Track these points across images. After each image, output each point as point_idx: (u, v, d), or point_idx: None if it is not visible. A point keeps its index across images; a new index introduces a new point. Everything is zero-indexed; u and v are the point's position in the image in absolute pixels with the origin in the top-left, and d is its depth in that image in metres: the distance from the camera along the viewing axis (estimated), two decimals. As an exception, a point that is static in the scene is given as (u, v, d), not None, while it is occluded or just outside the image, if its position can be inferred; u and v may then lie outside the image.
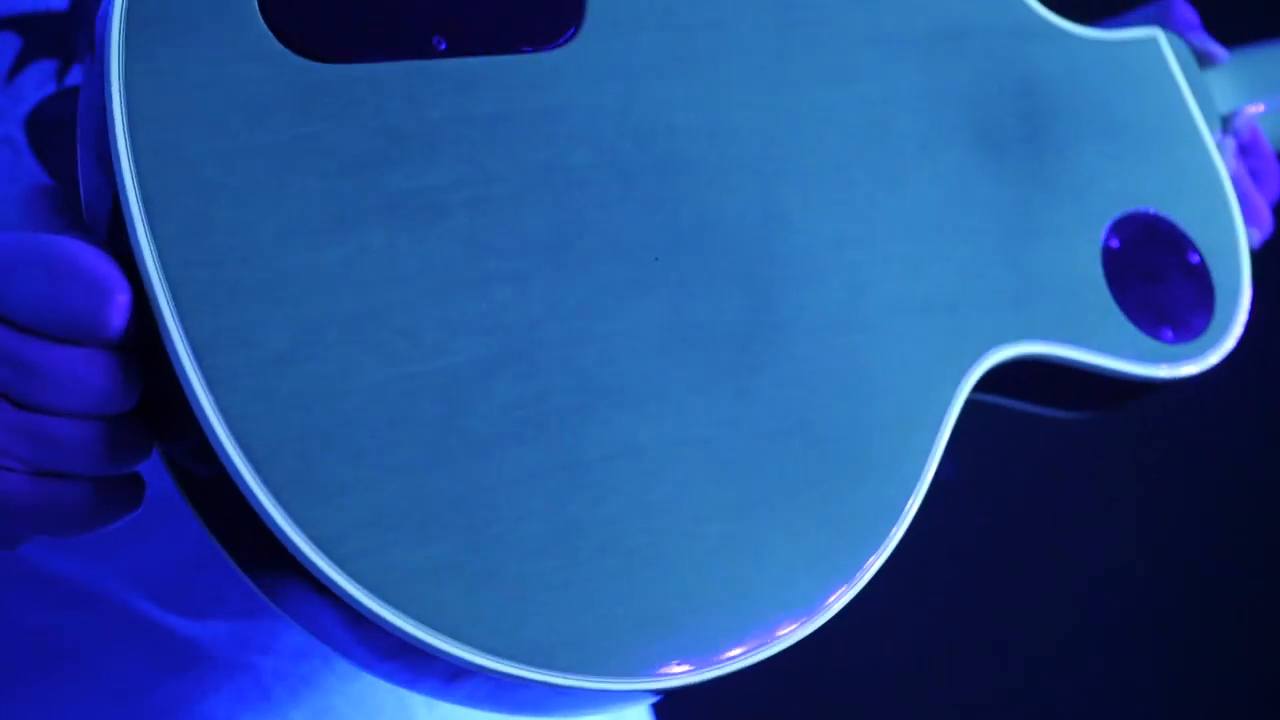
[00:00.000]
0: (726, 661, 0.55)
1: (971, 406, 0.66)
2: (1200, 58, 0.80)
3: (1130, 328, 0.70)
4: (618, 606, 0.54)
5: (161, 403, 0.51)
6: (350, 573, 0.49)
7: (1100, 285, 0.70)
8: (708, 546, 0.56)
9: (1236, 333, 0.72)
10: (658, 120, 0.61)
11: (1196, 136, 0.76)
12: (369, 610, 0.49)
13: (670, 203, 0.60)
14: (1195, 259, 0.73)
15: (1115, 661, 1.69)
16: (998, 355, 0.65)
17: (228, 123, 0.53)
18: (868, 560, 0.59)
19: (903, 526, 0.60)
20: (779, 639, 0.56)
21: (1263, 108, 0.81)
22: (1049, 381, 0.69)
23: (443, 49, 0.57)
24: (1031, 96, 0.72)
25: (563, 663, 0.52)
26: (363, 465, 0.51)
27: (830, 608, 0.57)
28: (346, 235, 0.53)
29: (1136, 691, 1.70)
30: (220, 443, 0.49)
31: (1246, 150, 0.80)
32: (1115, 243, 0.71)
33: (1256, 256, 0.76)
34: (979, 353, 0.64)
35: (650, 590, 0.54)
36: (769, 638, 0.56)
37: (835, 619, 0.58)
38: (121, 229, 0.50)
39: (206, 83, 0.53)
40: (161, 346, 0.49)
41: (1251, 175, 0.80)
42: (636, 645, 0.54)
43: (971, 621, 1.68)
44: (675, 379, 0.57)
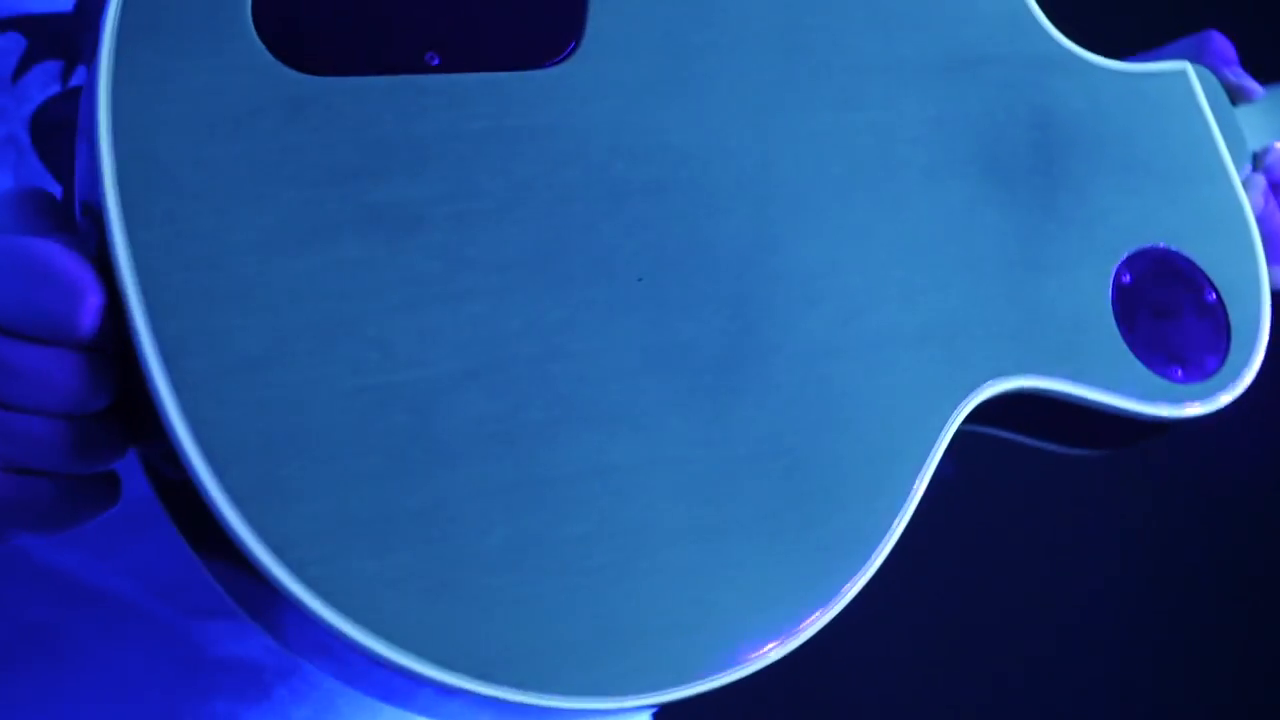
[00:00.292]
0: (690, 684, 0.55)
1: (967, 437, 0.65)
2: (1233, 93, 0.79)
3: (1137, 365, 0.68)
4: (577, 625, 0.54)
5: (134, 403, 0.52)
6: (304, 579, 0.50)
7: (1108, 321, 0.69)
8: (675, 569, 0.56)
9: (1250, 375, 0.71)
10: (652, 140, 0.61)
11: (1222, 173, 0.74)
12: (319, 617, 0.50)
13: (659, 223, 0.60)
14: (1211, 297, 0.72)
15: (1115, 664, 1.66)
16: (992, 389, 0.64)
17: (213, 131, 0.54)
18: (842, 587, 0.58)
19: (880, 555, 0.59)
20: (748, 662, 0.56)
21: None
22: (1050, 417, 0.68)
23: (435, 64, 0.58)
24: (1047, 128, 0.71)
25: (514, 678, 0.52)
26: (324, 473, 0.51)
27: (803, 632, 0.57)
28: (324, 244, 0.54)
29: (1137, 692, 1.67)
30: (182, 446, 0.50)
31: (1277, 188, 0.78)
32: (1127, 278, 0.70)
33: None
34: (972, 386, 0.64)
35: (612, 610, 0.54)
36: (736, 661, 0.56)
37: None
38: (102, 230, 0.51)
39: (194, 91, 0.54)
40: (132, 348, 0.51)
41: None
42: (594, 665, 0.54)
43: (970, 622, 1.66)
44: (652, 399, 0.57)
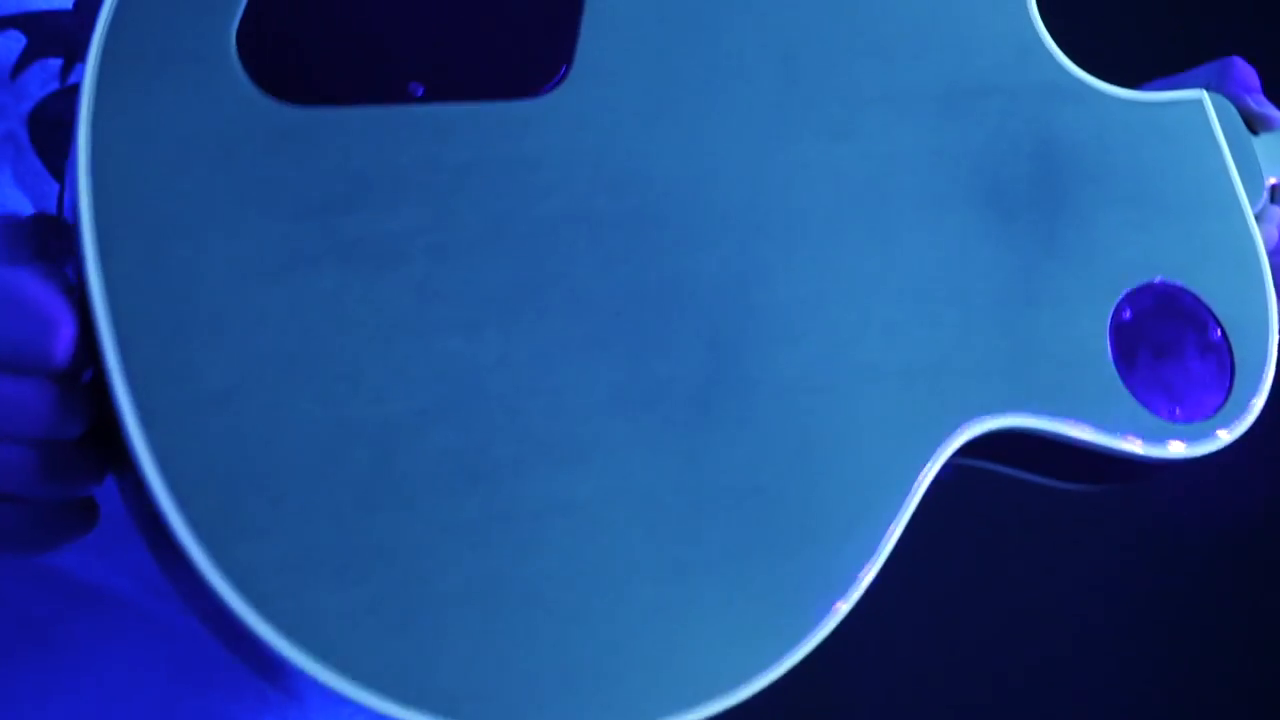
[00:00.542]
0: None
1: (959, 470, 0.64)
2: (1255, 122, 0.77)
3: (1133, 404, 0.67)
4: (540, 663, 0.54)
5: (109, 429, 0.53)
6: (264, 613, 0.51)
7: (1104, 358, 0.67)
8: (641, 607, 0.56)
9: (1253, 415, 0.69)
10: (637, 171, 0.61)
11: (1234, 206, 0.73)
12: (279, 651, 0.51)
13: (640, 256, 0.60)
14: (1216, 335, 0.70)
15: (1115, 668, 1.65)
16: (979, 427, 0.63)
17: (192, 161, 0.54)
18: (812, 628, 0.58)
19: (855, 595, 0.59)
20: (713, 701, 0.56)
21: None
22: (1043, 454, 0.67)
23: (419, 95, 0.58)
24: (1051, 159, 0.69)
25: (476, 716, 0.53)
26: (288, 508, 0.52)
27: (771, 672, 0.57)
28: (298, 277, 0.54)
29: (1137, 697, 1.65)
30: (148, 479, 0.51)
31: None
32: (1127, 314, 0.69)
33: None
34: (957, 424, 0.63)
35: (576, 648, 0.55)
36: (702, 701, 0.56)
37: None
38: (80, 260, 0.52)
39: (175, 121, 0.54)
40: (103, 378, 0.51)
41: None
42: (556, 703, 0.54)
43: (969, 624, 1.65)
44: (624, 436, 0.57)
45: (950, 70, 0.69)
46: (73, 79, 0.71)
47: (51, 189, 0.70)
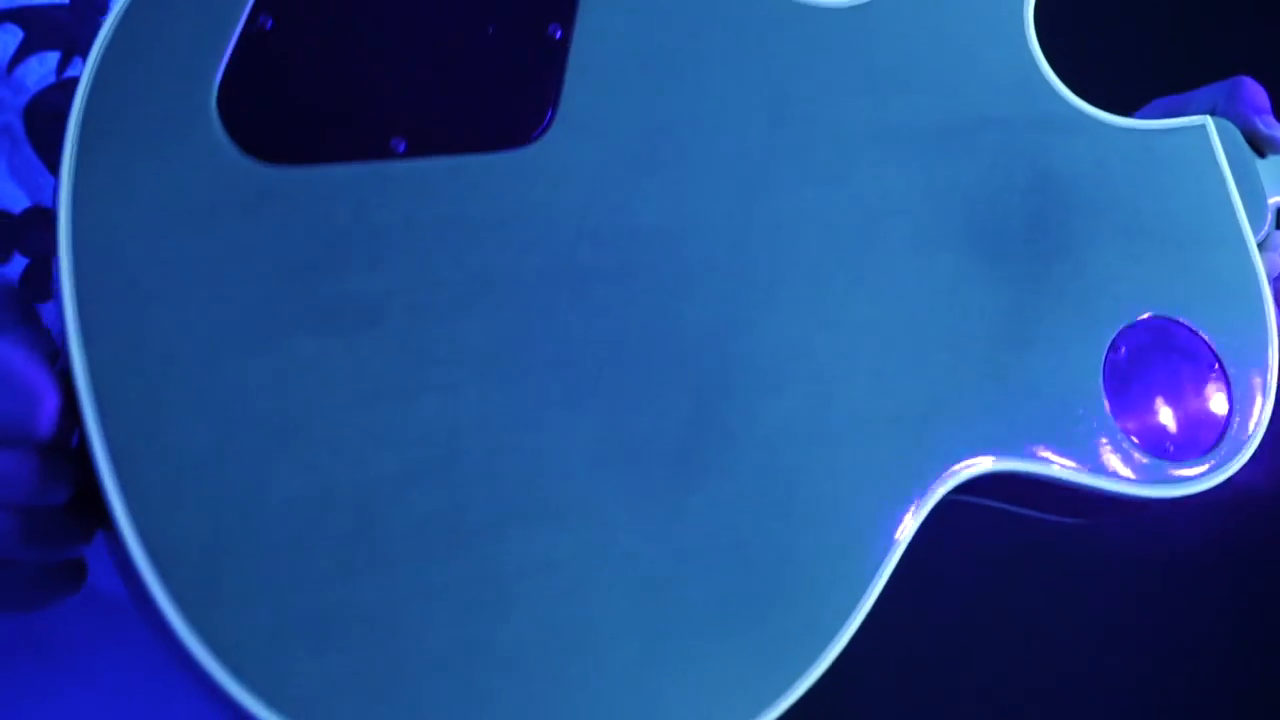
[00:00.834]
0: None
1: (950, 504, 0.64)
2: (1263, 143, 0.75)
3: (1125, 444, 0.67)
4: None
5: (95, 493, 0.54)
6: (244, 682, 0.51)
7: (1098, 397, 0.67)
8: (620, 666, 0.56)
9: (1248, 452, 0.69)
10: (621, 223, 0.61)
11: (1236, 235, 0.72)
12: (260, 718, 0.51)
13: (623, 310, 0.60)
14: (1214, 369, 0.70)
15: (1114, 678, 1.65)
16: (966, 473, 0.63)
17: (173, 227, 0.55)
18: (794, 683, 0.58)
19: (837, 647, 0.59)
20: None
21: None
22: (1034, 492, 0.67)
23: (401, 151, 0.58)
24: (1047, 193, 0.69)
25: None
26: (268, 576, 0.53)
27: None
28: (277, 343, 0.55)
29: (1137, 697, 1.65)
30: (130, 550, 0.51)
31: None
32: (1122, 350, 0.68)
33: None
34: (942, 471, 0.63)
35: (555, 710, 0.55)
36: None
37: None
38: (63, 332, 0.53)
39: (155, 187, 0.55)
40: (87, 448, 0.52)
41: None
42: None
43: (967, 631, 1.65)
44: (604, 493, 0.57)
45: (945, 104, 0.68)
46: (69, 73, 0.71)
47: (47, 182, 0.71)
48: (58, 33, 0.71)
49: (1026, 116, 0.70)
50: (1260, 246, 0.74)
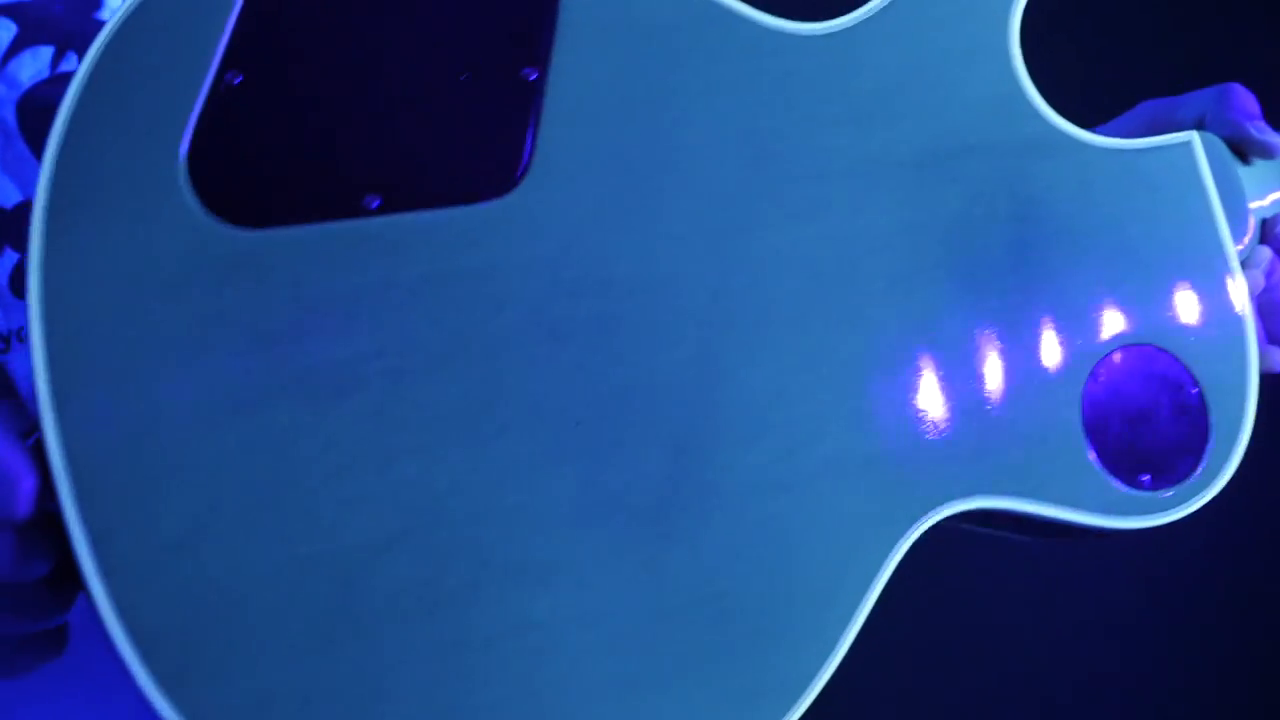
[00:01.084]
0: None
1: (936, 529, 0.64)
2: (1255, 149, 0.74)
3: (1101, 477, 0.67)
4: None
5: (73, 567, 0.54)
6: None
7: (1075, 430, 0.67)
8: None
9: (1225, 479, 0.69)
10: (597, 273, 0.60)
11: (1219, 255, 0.71)
12: None
13: (599, 363, 0.59)
14: (1194, 396, 0.69)
15: (1113, 677, 1.67)
16: (942, 513, 0.63)
17: (145, 300, 0.54)
18: None
19: (813, 692, 0.60)
20: None
21: None
22: (1014, 523, 0.67)
23: (374, 207, 0.58)
24: (1027, 221, 0.68)
25: None
26: (247, 649, 0.53)
27: None
28: (250, 415, 0.54)
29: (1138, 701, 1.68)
30: (108, 627, 0.52)
31: None
32: (1100, 381, 0.68)
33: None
34: (920, 513, 0.63)
35: None
36: None
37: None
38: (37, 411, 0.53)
39: (126, 254, 0.54)
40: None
41: None
42: None
43: (965, 632, 1.66)
44: (581, 552, 0.58)
45: (927, 131, 0.67)
46: (63, 67, 0.71)
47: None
48: (51, 28, 0.70)
49: (1009, 141, 0.69)
50: (1244, 263, 0.73)
